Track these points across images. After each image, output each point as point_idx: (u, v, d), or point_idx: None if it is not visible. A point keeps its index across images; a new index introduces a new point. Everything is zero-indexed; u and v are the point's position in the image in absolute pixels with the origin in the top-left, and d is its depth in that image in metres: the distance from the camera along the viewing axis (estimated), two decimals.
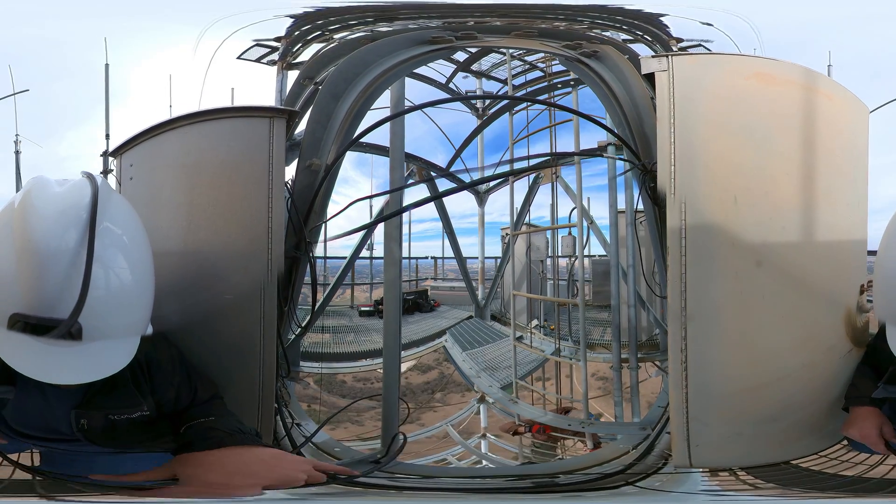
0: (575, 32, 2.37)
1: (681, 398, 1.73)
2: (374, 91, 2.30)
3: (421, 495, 2.01)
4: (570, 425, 2.47)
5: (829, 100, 1.79)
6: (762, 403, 1.78)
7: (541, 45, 2.38)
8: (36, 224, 1.37)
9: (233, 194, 1.92)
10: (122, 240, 1.49)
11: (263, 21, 2.68)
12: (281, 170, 1.93)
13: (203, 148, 2.01)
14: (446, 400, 2.97)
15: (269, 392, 1.93)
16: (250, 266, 1.90)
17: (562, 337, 2.69)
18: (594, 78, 2.17)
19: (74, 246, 1.36)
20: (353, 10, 2.69)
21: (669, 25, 2.37)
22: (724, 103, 1.72)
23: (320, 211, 2.13)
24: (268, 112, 1.98)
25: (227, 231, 1.92)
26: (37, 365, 1.34)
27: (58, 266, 1.34)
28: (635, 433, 2.10)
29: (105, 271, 1.41)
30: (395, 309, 2.30)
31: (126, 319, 1.46)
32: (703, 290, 1.70)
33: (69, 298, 1.32)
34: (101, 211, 1.42)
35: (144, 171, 2.14)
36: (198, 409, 1.70)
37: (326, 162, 2.13)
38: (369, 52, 2.31)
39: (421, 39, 2.34)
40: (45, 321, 1.32)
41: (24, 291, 1.33)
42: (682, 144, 1.69)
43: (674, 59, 1.72)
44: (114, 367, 1.42)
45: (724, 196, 1.70)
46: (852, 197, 1.89)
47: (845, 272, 1.90)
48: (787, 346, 1.78)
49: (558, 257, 2.68)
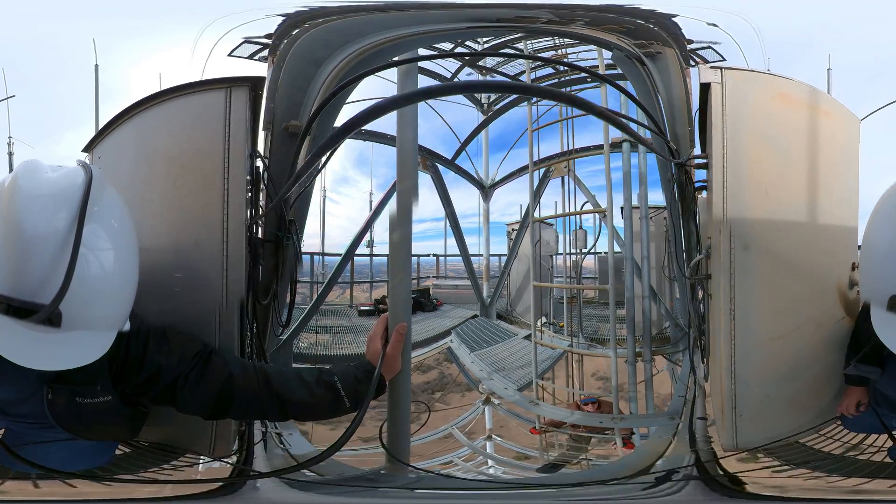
0: (648, 30, 2.37)
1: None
2: (360, 62, 2.21)
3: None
4: (601, 422, 2.43)
5: (828, 116, 2.07)
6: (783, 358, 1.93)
7: (604, 35, 2.33)
8: (25, 206, 1.34)
9: (188, 180, 1.76)
10: (112, 230, 1.45)
11: (255, 20, 2.61)
12: (240, 145, 1.76)
13: (159, 129, 1.85)
14: (446, 400, 2.89)
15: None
16: (203, 241, 1.74)
17: (572, 333, 2.67)
18: (645, 77, 2.21)
19: (63, 231, 1.34)
20: (354, 10, 2.64)
21: (681, 26, 2.44)
22: (762, 116, 1.96)
23: (306, 181, 1.99)
24: (224, 83, 1.81)
25: (182, 220, 1.76)
26: (14, 347, 1.32)
27: (44, 250, 1.32)
28: (666, 423, 2.08)
29: (91, 260, 1.38)
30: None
31: (106, 312, 1.43)
32: (743, 268, 1.89)
33: (53, 284, 1.30)
34: (93, 199, 1.39)
35: (108, 161, 1.97)
36: (193, 372, 1.57)
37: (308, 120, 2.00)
38: (354, 23, 2.23)
39: (459, 18, 2.28)
40: (27, 304, 1.31)
41: (9, 273, 1.32)
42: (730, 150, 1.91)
43: (726, 72, 1.92)
44: (87, 358, 1.39)
45: (757, 192, 1.95)
46: (846, 193, 2.14)
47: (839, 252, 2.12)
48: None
49: (569, 254, 2.67)
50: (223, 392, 1.56)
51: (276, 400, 1.57)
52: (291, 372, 1.66)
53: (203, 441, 1.77)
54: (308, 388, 1.58)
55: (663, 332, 2.54)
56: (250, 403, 1.59)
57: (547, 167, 2.62)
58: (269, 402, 1.57)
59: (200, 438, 1.77)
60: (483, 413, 2.81)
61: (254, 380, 1.57)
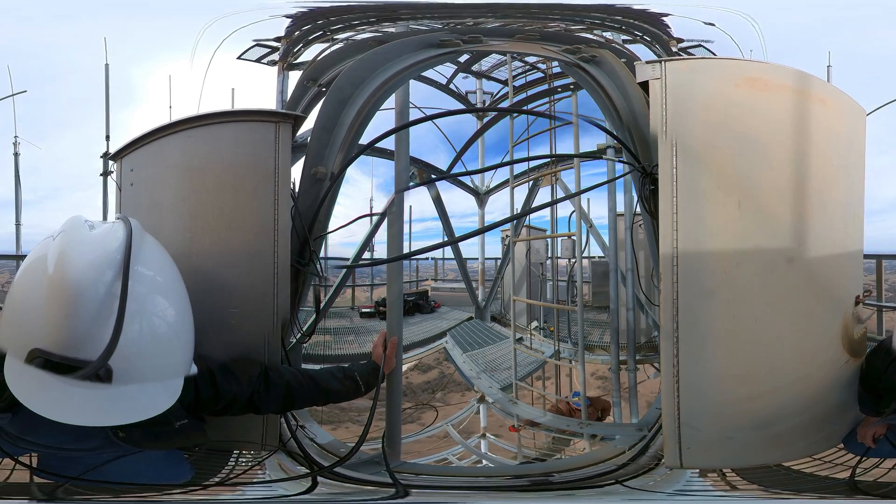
0: (574, 36, 2.36)
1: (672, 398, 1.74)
2: (381, 96, 2.29)
3: (423, 494, 2.06)
4: (568, 426, 2.50)
5: (823, 104, 1.76)
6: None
7: (541, 49, 2.37)
8: (71, 265, 1.37)
9: (238, 201, 1.92)
10: (156, 281, 1.50)
11: (262, 21, 2.67)
12: (287, 176, 1.94)
13: (207, 152, 2.00)
14: (447, 399, 2.99)
15: None
16: (255, 275, 1.92)
17: (561, 339, 2.71)
18: (592, 83, 2.17)
19: (107, 288, 1.36)
20: (354, 10, 2.68)
21: (671, 26, 2.37)
22: (722, 109, 1.69)
23: (324, 220, 2.14)
24: (273, 116, 1.97)
25: (232, 239, 1.92)
26: (54, 404, 1.32)
27: (89, 307, 1.34)
28: (632, 434, 2.13)
29: (140, 314, 1.41)
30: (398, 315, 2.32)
31: (164, 362, 1.46)
32: (696, 303, 1.69)
33: (97, 340, 1.31)
34: (135, 254, 1.43)
35: (145, 175, 2.13)
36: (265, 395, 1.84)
37: (333, 170, 2.12)
38: (377, 55, 2.29)
39: (428, 42, 2.33)
40: (68, 360, 1.31)
41: (51, 329, 1.33)
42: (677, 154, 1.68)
43: (667, 65, 1.70)
44: (154, 409, 1.42)
45: (721, 209, 1.69)
46: (848, 207, 1.88)
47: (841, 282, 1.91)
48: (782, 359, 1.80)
49: (558, 258, 2.70)
50: (287, 395, 1.89)
51: (322, 392, 1.97)
52: (326, 371, 2.04)
53: (255, 437, 2.03)
54: (340, 381, 2.00)
55: (652, 340, 2.55)
56: (306, 398, 1.97)
57: (536, 178, 2.64)
58: (318, 394, 1.97)
59: (251, 435, 2.02)
60: (478, 411, 2.91)
61: (304, 382, 1.95)
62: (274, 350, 1.97)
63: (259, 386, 1.84)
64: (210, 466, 2.02)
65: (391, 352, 2.17)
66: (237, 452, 2.07)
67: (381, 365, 2.10)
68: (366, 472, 2.14)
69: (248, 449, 2.07)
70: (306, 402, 2.07)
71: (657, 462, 2.00)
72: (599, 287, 2.68)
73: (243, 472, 2.04)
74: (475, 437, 2.85)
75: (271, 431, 2.02)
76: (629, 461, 2.05)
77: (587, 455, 2.33)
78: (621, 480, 1.97)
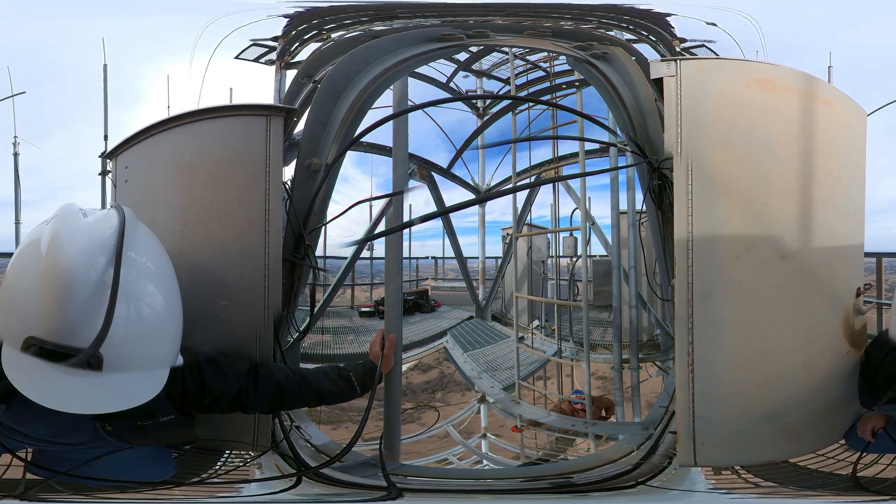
0: (586, 32, 2.34)
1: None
2: (376, 89, 2.25)
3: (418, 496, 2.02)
4: (573, 426, 2.46)
5: (828, 106, 1.84)
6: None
7: (551, 45, 2.34)
8: (63, 251, 1.36)
9: (229, 195, 1.89)
10: (147, 268, 1.48)
11: (259, 21, 2.67)
12: (278, 170, 1.90)
13: (198, 148, 1.97)
14: (447, 399, 2.96)
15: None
16: (246, 268, 1.88)
17: (563, 338, 2.68)
18: (601, 79, 2.15)
19: (100, 275, 1.35)
20: (352, 9, 2.67)
21: (675, 25, 2.35)
22: (734, 109, 1.76)
23: (320, 213, 2.11)
24: (264, 110, 1.94)
25: (223, 232, 1.89)
26: (48, 391, 1.32)
27: (81, 294, 1.33)
28: (638, 433, 2.09)
29: (130, 302, 1.40)
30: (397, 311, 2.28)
31: (152, 351, 1.45)
32: (709, 295, 1.74)
33: (90, 328, 1.30)
34: (128, 243, 1.42)
35: (139, 172, 2.11)
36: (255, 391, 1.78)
37: (326, 161, 2.10)
38: (371, 48, 2.26)
39: (429, 37, 2.30)
40: (62, 348, 1.30)
41: (44, 316, 1.32)
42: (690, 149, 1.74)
43: (682, 63, 1.77)
44: (138, 398, 1.41)
45: (728, 207, 1.75)
46: (849, 202, 1.94)
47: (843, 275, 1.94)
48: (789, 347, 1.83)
49: (560, 257, 2.67)
50: (276, 394, 1.81)
51: (314, 392, 1.88)
52: (319, 370, 1.96)
53: (246, 437, 1.98)
54: (333, 381, 1.91)
55: (654, 339, 2.52)
56: (297, 398, 1.89)
57: (538, 174, 2.62)
58: (309, 395, 1.88)
59: (243, 435, 1.98)
60: (479, 411, 2.88)
61: (295, 381, 1.86)
62: (265, 345, 1.92)
63: (247, 382, 1.77)
64: (198, 466, 1.98)
65: (389, 350, 2.06)
66: (228, 452, 2.02)
67: (379, 364, 2.00)
68: (363, 475, 2.09)
69: (238, 449, 2.01)
70: (297, 403, 1.99)
71: (669, 461, 1.96)
72: (600, 286, 2.66)
73: (226, 473, 1.97)
74: (475, 437, 2.82)
75: (263, 431, 1.96)
76: (642, 460, 2.01)
77: (598, 455, 2.28)
78: (642, 481, 1.92)
